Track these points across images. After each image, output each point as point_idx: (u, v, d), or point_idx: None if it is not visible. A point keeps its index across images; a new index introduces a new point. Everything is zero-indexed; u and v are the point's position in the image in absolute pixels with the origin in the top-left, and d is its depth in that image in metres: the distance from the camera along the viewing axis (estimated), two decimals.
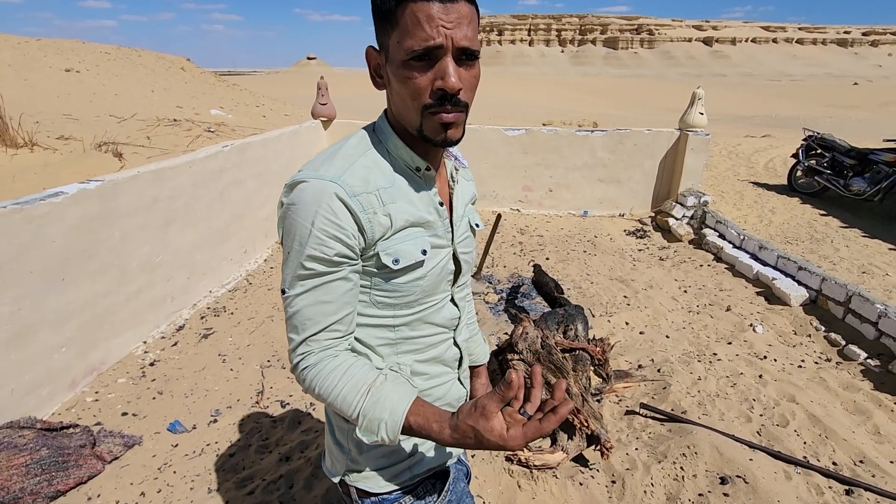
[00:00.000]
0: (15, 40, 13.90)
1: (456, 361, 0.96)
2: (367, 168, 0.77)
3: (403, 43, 0.70)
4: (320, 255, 0.72)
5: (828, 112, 27.56)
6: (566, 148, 5.66)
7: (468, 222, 0.95)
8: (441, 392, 0.93)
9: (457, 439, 0.67)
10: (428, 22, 0.68)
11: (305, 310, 0.75)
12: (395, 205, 0.77)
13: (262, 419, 2.41)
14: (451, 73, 0.70)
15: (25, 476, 1.90)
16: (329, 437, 0.92)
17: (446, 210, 0.87)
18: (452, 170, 0.94)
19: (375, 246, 0.76)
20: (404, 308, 0.83)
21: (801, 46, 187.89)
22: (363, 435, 0.72)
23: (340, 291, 0.76)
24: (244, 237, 4.10)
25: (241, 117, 11.92)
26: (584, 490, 1.98)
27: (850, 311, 3.22)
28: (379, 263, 0.77)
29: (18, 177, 4.83)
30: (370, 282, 0.80)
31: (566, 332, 2.52)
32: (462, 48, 0.71)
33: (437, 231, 0.84)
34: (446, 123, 0.74)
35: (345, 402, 0.73)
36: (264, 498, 1.93)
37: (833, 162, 6.27)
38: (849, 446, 2.22)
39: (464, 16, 0.70)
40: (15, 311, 2.19)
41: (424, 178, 0.83)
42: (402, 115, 0.77)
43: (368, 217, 0.74)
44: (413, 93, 0.72)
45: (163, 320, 3.19)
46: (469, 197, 0.97)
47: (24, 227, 2.21)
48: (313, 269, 0.73)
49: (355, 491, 0.89)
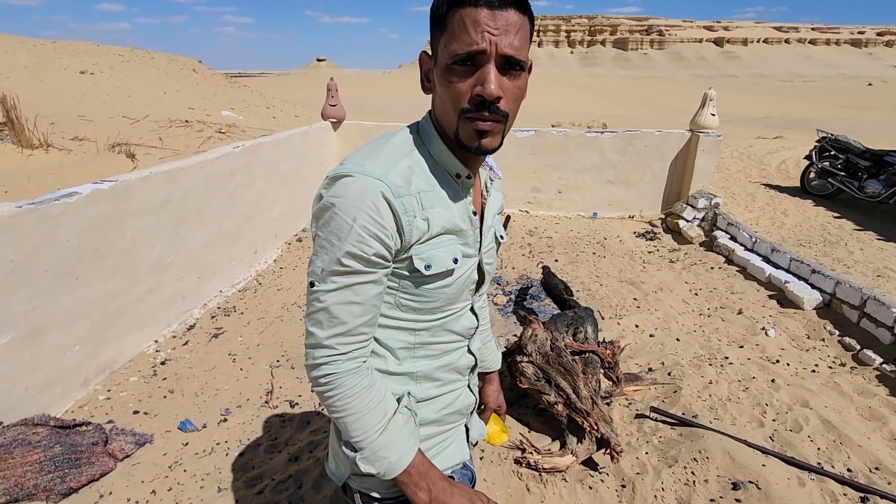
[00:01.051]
0: (31, 43, 14.13)
1: (468, 369, 0.96)
2: (410, 169, 0.77)
3: (449, 47, 0.71)
4: (359, 252, 0.72)
5: (841, 113, 27.19)
6: (575, 149, 5.64)
7: (494, 233, 0.95)
8: (450, 399, 0.93)
9: (450, 491, 0.80)
10: (474, 27, 0.68)
11: (335, 308, 0.74)
12: (433, 210, 0.77)
13: (272, 419, 2.42)
14: (491, 80, 0.70)
15: (39, 473, 1.92)
16: (334, 440, 0.92)
17: (478, 220, 0.87)
18: (487, 180, 0.94)
19: (410, 250, 0.76)
20: (427, 314, 0.83)
21: (814, 47, 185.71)
22: (362, 463, 0.77)
23: (370, 294, 0.76)
24: (254, 238, 4.12)
25: (251, 118, 12.02)
26: (593, 494, 1.96)
27: (865, 314, 3.17)
28: (411, 267, 0.77)
29: (34, 177, 4.90)
30: (398, 284, 0.79)
31: (576, 334, 2.51)
32: (506, 56, 0.70)
33: (468, 240, 0.84)
34: (481, 131, 0.73)
35: (360, 427, 0.77)
36: (273, 497, 1.93)
37: (847, 164, 6.18)
38: (864, 453, 2.18)
39: (512, 24, 0.69)
40: (29, 310, 2.22)
41: (462, 185, 0.83)
42: (442, 118, 0.77)
43: (409, 220, 0.74)
44: (453, 97, 0.72)
45: (174, 320, 3.22)
46: (498, 208, 0.98)
47: (38, 226, 2.24)
48: (350, 266, 0.72)
49: (359, 496, 0.89)
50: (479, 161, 0.85)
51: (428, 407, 0.89)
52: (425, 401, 0.88)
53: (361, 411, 0.76)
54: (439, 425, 0.92)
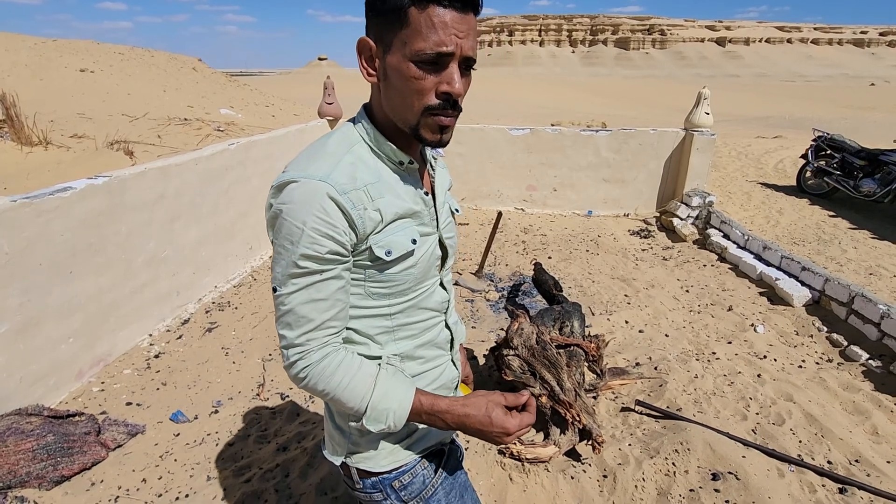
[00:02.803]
0: (32, 41, 14.19)
1: (448, 343, 1.00)
2: (353, 165, 0.79)
3: (414, 44, 0.72)
4: (313, 253, 0.74)
5: (843, 113, 27.13)
6: (570, 147, 5.67)
7: (449, 208, 0.99)
8: (436, 374, 0.97)
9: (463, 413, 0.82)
10: (443, 28, 0.71)
11: (299, 307, 0.77)
12: (383, 199, 0.80)
13: (262, 411, 2.45)
14: (456, 80, 0.74)
15: (32, 461, 1.96)
16: (329, 423, 0.95)
17: (431, 199, 0.91)
18: (430, 158, 0.97)
19: (367, 240, 0.79)
20: (398, 296, 0.86)
21: (817, 47, 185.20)
22: (370, 424, 0.80)
23: (332, 289, 0.78)
24: (249, 234, 4.16)
25: (250, 117, 12.07)
26: (575, 484, 1.99)
27: (853, 311, 3.19)
28: (372, 256, 0.80)
29: (33, 174, 4.95)
30: (364, 274, 0.82)
31: (562, 328, 2.54)
32: (467, 57, 0.75)
33: (424, 220, 0.87)
34: (444, 126, 0.78)
35: (353, 395, 0.79)
36: (261, 486, 1.97)
37: (843, 163, 6.19)
38: (845, 446, 2.21)
39: (472, 28, 0.74)
40: (24, 303, 2.26)
41: (407, 170, 0.86)
42: (397, 111, 0.79)
43: (359, 213, 0.76)
44: (418, 93, 0.75)
45: (168, 314, 3.26)
46: (447, 184, 1.02)
47: (32, 220, 2.28)
48: (306, 267, 0.75)
49: (356, 472, 0.92)
50: (417, 146, 0.89)
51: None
52: (411, 377, 0.92)
53: (345, 381, 0.79)
54: None
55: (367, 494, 0.93)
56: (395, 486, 0.92)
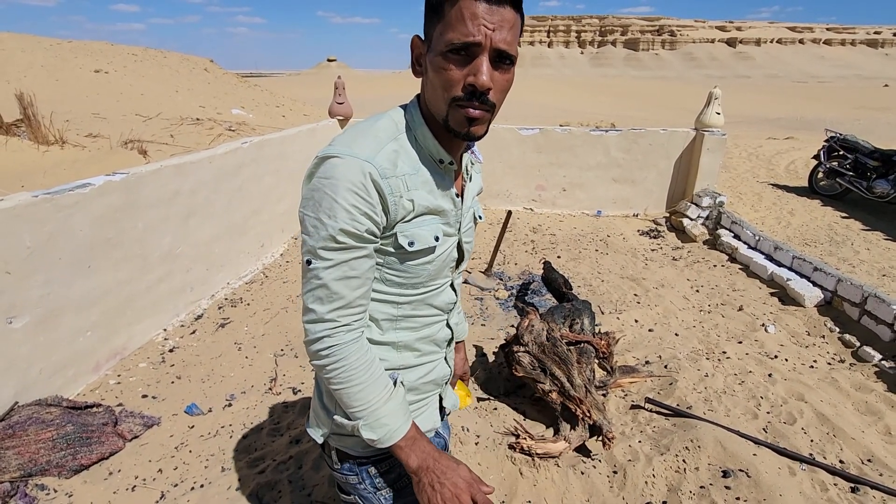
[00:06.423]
0: (48, 42, 14.42)
1: (446, 342, 1.02)
2: (396, 153, 0.81)
3: (445, 35, 0.74)
4: (352, 229, 0.76)
5: (856, 114, 26.78)
6: (580, 147, 5.67)
7: (473, 213, 1.01)
8: (428, 369, 0.99)
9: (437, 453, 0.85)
10: (472, 19, 0.72)
11: (333, 283, 0.78)
12: (417, 192, 0.82)
13: (275, 404, 2.49)
14: (483, 72, 0.74)
15: (52, 450, 2.01)
16: (316, 401, 0.98)
17: (460, 202, 0.92)
18: (468, 163, 0.98)
19: (395, 227, 0.81)
20: (410, 288, 0.88)
21: (829, 47, 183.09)
22: (363, 429, 0.82)
23: (365, 268, 0.80)
24: (261, 231, 4.21)
25: (261, 117, 12.17)
26: (585, 479, 2.00)
27: (866, 312, 3.17)
28: (396, 244, 0.82)
29: (49, 172, 5.04)
30: (384, 260, 0.84)
31: (572, 325, 2.55)
32: (499, 50, 0.74)
33: (450, 220, 0.89)
34: (471, 118, 0.77)
35: (362, 398, 0.82)
36: (274, 477, 2.00)
37: (856, 163, 6.13)
38: (857, 445, 2.20)
39: (507, 20, 0.74)
40: (45, 295, 2.31)
41: (445, 170, 0.88)
42: (432, 103, 0.81)
43: (395, 200, 0.78)
44: (445, 83, 0.76)
45: (182, 309, 3.31)
46: (477, 190, 1.03)
47: (53, 215, 2.33)
48: (344, 242, 0.76)
49: (336, 452, 0.95)
50: (461, 148, 0.90)
51: (406, 375, 0.94)
52: (404, 369, 0.94)
53: (364, 383, 0.81)
54: (416, 393, 0.98)
55: (343, 476, 0.96)
56: (371, 473, 0.94)
